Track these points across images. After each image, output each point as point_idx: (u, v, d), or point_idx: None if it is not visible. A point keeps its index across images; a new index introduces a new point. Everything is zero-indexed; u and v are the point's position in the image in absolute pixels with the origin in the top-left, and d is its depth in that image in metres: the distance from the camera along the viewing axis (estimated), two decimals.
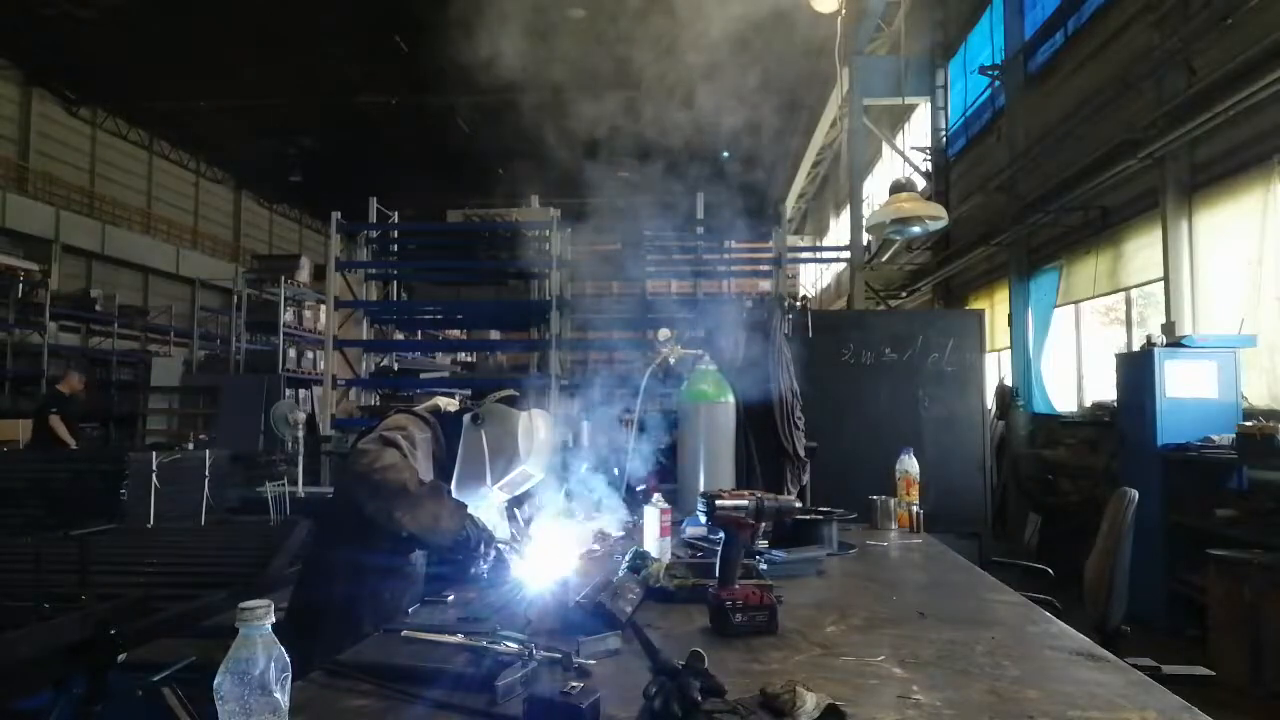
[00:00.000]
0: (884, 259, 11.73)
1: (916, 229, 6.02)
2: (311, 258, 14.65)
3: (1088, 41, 7.45)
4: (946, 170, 11.19)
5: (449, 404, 2.24)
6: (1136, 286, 6.87)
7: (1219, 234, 5.75)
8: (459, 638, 1.45)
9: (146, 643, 2.51)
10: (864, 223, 9.96)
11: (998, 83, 9.52)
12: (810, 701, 1.10)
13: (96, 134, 20.70)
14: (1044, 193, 7.66)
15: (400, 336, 10.72)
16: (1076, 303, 7.92)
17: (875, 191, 12.56)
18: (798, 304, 5.26)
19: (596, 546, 2.45)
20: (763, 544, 2.25)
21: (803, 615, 1.69)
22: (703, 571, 1.90)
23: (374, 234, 9.37)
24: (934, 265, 10.93)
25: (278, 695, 0.88)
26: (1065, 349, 8.20)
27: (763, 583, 1.79)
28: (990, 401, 7.46)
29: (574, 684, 1.12)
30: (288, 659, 0.91)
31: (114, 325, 17.91)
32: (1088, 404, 7.56)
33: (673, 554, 2.23)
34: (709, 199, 8.66)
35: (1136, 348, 5.97)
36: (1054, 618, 1.69)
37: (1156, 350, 5.28)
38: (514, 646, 1.33)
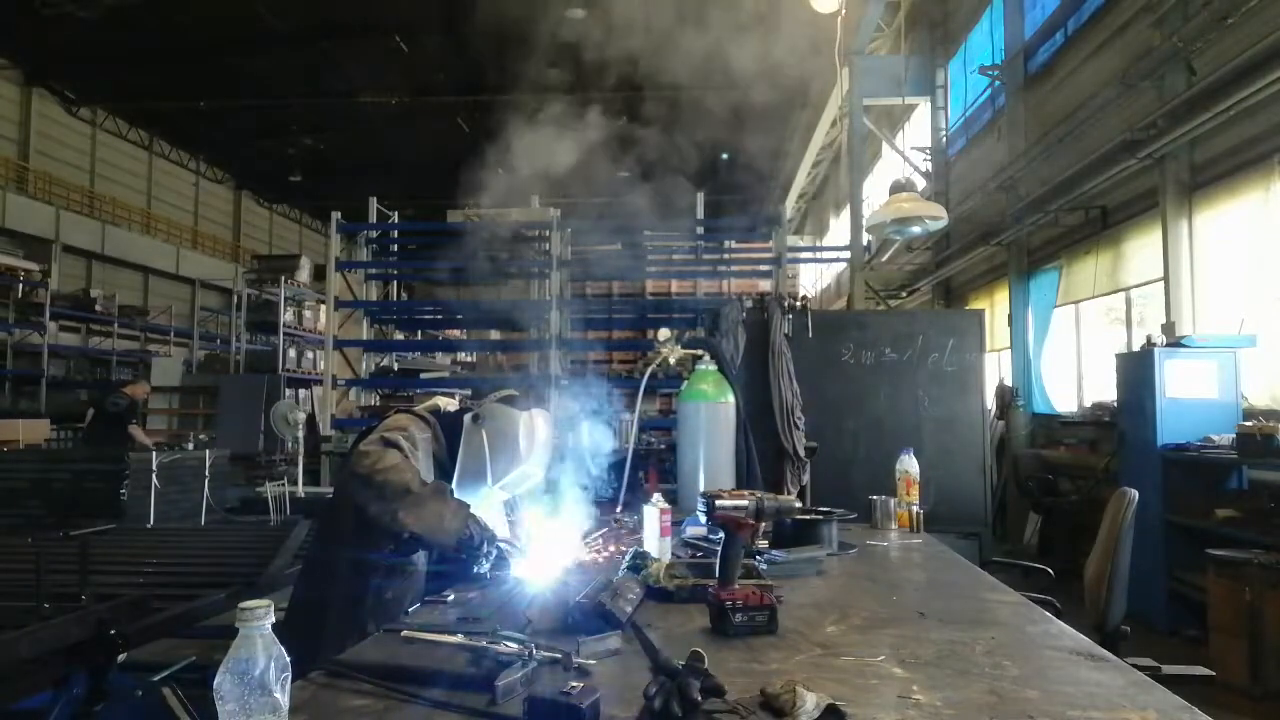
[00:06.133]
0: (884, 259, 11.73)
1: (916, 229, 6.01)
2: (311, 258, 14.66)
3: (1088, 41, 7.45)
4: (946, 170, 11.19)
5: (449, 404, 2.24)
6: (1136, 286, 6.87)
7: (1219, 234, 5.75)
8: (459, 638, 1.44)
9: (146, 643, 2.51)
10: (864, 223, 9.97)
11: (998, 83, 9.51)
12: (810, 701, 1.10)
13: (96, 134, 20.69)
14: (1044, 193, 7.66)
15: (400, 336, 10.72)
16: (1076, 303, 7.93)
17: (875, 191, 12.56)
18: (798, 304, 5.25)
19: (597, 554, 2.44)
20: (763, 544, 2.25)
21: (803, 615, 1.69)
22: (703, 571, 1.90)
23: (374, 234, 9.38)
24: (934, 265, 10.94)
25: (278, 695, 0.88)
26: (1065, 349, 8.20)
27: (763, 583, 1.79)
28: (990, 401, 7.46)
29: (574, 684, 1.12)
30: (288, 659, 0.90)
31: (114, 325, 17.91)
32: (1088, 404, 7.56)
33: (673, 554, 2.22)
34: (709, 198, 8.66)
35: (1136, 348, 5.97)
36: (1054, 618, 1.69)
37: (1156, 350, 5.28)
38: (514, 646, 1.33)
